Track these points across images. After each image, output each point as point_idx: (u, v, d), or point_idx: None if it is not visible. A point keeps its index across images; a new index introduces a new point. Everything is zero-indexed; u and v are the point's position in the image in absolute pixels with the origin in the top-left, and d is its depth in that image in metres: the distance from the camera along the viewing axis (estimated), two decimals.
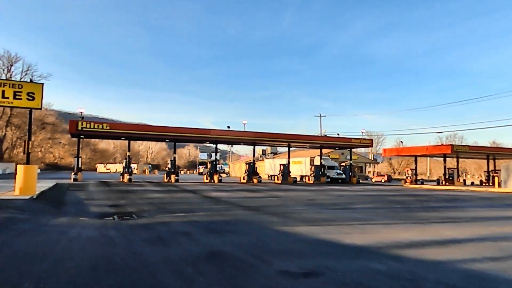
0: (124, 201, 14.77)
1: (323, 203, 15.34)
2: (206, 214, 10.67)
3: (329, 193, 22.13)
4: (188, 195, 18.37)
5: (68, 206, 12.51)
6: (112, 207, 12.49)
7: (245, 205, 13.72)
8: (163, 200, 15.56)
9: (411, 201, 17.39)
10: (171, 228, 7.83)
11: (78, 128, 26.67)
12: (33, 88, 15.64)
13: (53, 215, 10.06)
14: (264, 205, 13.92)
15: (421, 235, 7.36)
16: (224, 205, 13.81)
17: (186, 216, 10.13)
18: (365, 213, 11.66)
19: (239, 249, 5.63)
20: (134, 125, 28.53)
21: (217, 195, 18.71)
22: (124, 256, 5.09)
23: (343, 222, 9.19)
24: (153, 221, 9.15)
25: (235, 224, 8.64)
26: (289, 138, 34.30)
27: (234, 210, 12.04)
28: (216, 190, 22.92)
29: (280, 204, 14.31)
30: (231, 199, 16.44)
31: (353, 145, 38.14)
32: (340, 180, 38.22)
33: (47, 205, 12.16)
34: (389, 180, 54.46)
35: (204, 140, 33.39)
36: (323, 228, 8.18)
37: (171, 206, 13.08)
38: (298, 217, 10.23)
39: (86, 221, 8.96)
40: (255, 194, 19.87)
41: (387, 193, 23.21)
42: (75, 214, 10.67)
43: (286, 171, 36.25)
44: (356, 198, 18.25)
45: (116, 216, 10.43)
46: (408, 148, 41.37)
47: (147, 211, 11.55)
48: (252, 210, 12.11)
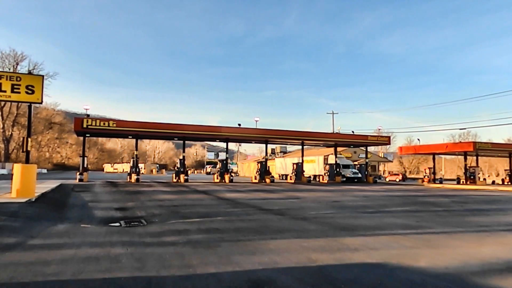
0: (132, 203, 13.44)
1: (351, 205, 13.82)
2: (226, 220, 9.25)
3: (351, 193, 20.57)
4: (200, 197, 16.98)
5: (70, 210, 11.19)
6: (118, 211, 11.16)
7: (266, 208, 12.28)
8: (174, 202, 14.19)
9: (447, 202, 15.77)
10: (189, 239, 6.42)
11: (83, 126, 25.35)
12: (33, 81, 14.33)
13: (51, 221, 8.73)
14: (287, 207, 12.46)
15: (505, 250, 5.84)
16: (243, 208, 12.38)
17: (204, 223, 8.73)
18: (408, 218, 10.12)
19: (292, 277, 4.17)
20: (141, 122, 27.14)
21: (231, 196, 17.29)
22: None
23: (394, 231, 7.67)
24: (165, 228, 7.77)
25: (265, 233, 7.19)
26: (303, 135, 32.69)
27: (256, 214, 10.60)
28: (229, 190, 21.50)
29: (304, 207, 12.84)
30: (248, 201, 15.01)
31: (370, 142, 36.25)
32: (356, 179, 36.47)
33: (46, 209, 10.84)
34: (403, 179, 52.45)
35: (214, 138, 32.02)
36: (376, 239, 6.68)
37: (184, 209, 11.70)
38: (333, 223, 8.75)
39: (88, 229, 7.61)
40: (273, 195, 18.40)
41: (414, 193, 21.57)
42: (77, 219, 9.34)
43: (300, 170, 34.72)
44: (386, 200, 16.67)
45: (123, 222, 9.09)
46: (426, 146, 39.55)
47: (158, 215, 10.19)
48: (276, 214, 10.66)
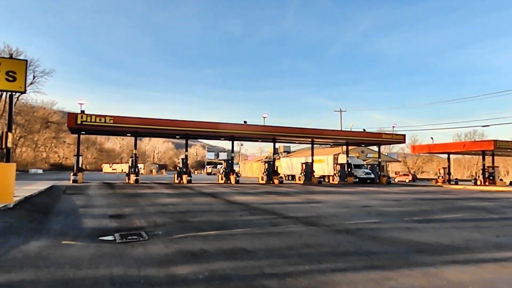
0: (130, 209, 11.44)
1: (389, 211, 11.81)
2: (249, 234, 7.25)
3: (374, 196, 18.54)
4: (208, 200, 14.96)
5: (54, 219, 9.18)
6: (113, 219, 9.18)
7: (289, 215, 10.27)
8: (179, 207, 12.18)
9: (497, 207, 13.68)
10: (212, 271, 4.41)
11: (78, 122, 23.19)
12: (14, 66, 12.31)
13: (24, 236, 6.73)
14: (314, 214, 10.44)
15: None
16: (262, 215, 10.37)
17: (222, 237, 6.72)
18: (477, 229, 8.13)
19: None
20: (141, 118, 25.08)
21: (243, 199, 15.28)
22: None
23: (489, 254, 5.66)
24: (174, 248, 5.79)
25: (316, 258, 5.18)
26: (313, 133, 30.57)
27: (283, 224, 8.59)
28: (238, 193, 19.48)
29: (335, 214, 10.83)
30: (264, 205, 12.99)
31: (384, 141, 34.18)
32: (369, 180, 34.33)
33: (24, 218, 8.82)
34: (413, 179, 50.44)
35: (219, 135, 29.95)
36: (485, 270, 4.64)
37: (192, 217, 9.69)
38: (393, 239, 6.75)
39: (69, 250, 5.64)
40: (289, 198, 16.37)
41: (444, 196, 19.54)
42: (60, 232, 7.35)
43: (310, 171, 32.63)
44: (422, 204, 14.60)
45: (118, 235, 7.12)
46: (442, 145, 37.51)
47: (162, 225, 8.22)
48: (307, 223, 8.66)
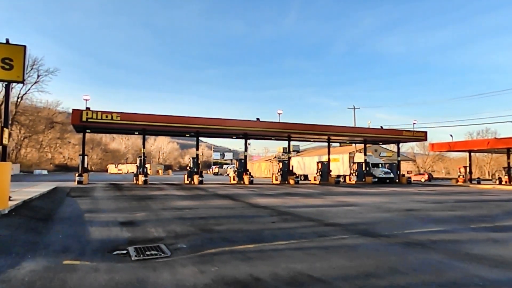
0: (142, 214, 9.97)
1: (442, 216, 10.22)
2: (298, 248, 5.74)
3: (407, 197, 16.93)
4: (227, 203, 13.45)
5: (55, 227, 7.70)
6: (125, 227, 7.70)
7: (331, 221, 8.74)
8: (198, 212, 10.69)
9: None
10: None
11: (83, 119, 21.79)
12: (11, 52, 10.89)
13: (18, 253, 5.29)
14: (360, 221, 8.90)
15: None
16: (299, 221, 8.84)
17: (267, 255, 5.20)
18: None
19: None
20: (149, 115, 23.64)
21: (265, 202, 13.76)
22: None
23: None
24: (212, 273, 4.27)
25: None
26: (330, 130, 28.94)
27: (332, 234, 7.04)
28: (257, 194, 17.95)
29: (383, 220, 9.29)
30: (292, 209, 11.46)
31: (404, 138, 32.39)
32: (388, 180, 32.65)
33: (20, 227, 7.36)
34: (429, 179, 48.69)
35: (231, 133, 28.43)
36: None
37: (217, 224, 8.19)
38: (488, 255, 5.20)
39: (73, 275, 4.18)
40: (315, 201, 14.81)
41: (485, 197, 17.91)
42: (61, 247, 5.87)
43: (326, 170, 31.03)
44: (474, 207, 12.97)
45: (133, 250, 5.66)
46: (463, 143, 35.75)
47: (184, 236, 6.74)
48: (361, 234, 7.12)
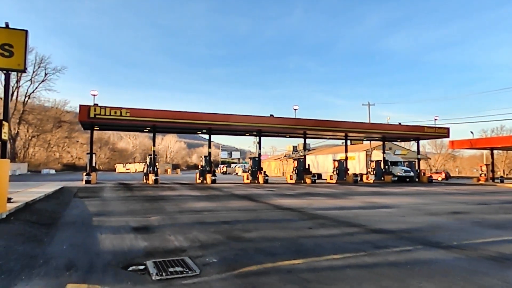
0: (157, 217, 8.85)
1: (499, 220, 8.93)
2: (361, 266, 4.53)
3: (440, 198, 15.61)
4: (248, 204, 12.27)
5: (60, 235, 6.58)
6: (139, 234, 6.56)
7: (377, 227, 7.52)
8: (218, 215, 9.52)
9: None
10: None
11: (91, 115, 20.78)
12: (11, 38, 9.85)
13: (11, 271, 4.19)
14: (412, 227, 7.66)
15: None
16: (338, 227, 7.62)
17: (322, 275, 4.00)
18: None
19: None
20: (160, 111, 22.60)
21: (288, 203, 12.56)
22: None
23: None
24: None
25: None
26: (347, 126, 27.59)
27: (391, 245, 5.82)
28: (276, 194, 16.75)
29: (435, 225, 8.04)
30: (323, 211, 10.25)
31: (425, 135, 30.77)
32: (408, 178, 31.19)
33: (18, 235, 6.25)
34: (447, 177, 47.04)
35: (244, 130, 27.25)
36: None
37: (245, 230, 7.00)
38: None
39: None
40: (343, 202, 13.57)
41: None
42: (65, 261, 4.72)
43: (343, 169, 29.70)
44: None
45: (152, 266, 4.50)
46: (485, 139, 34.19)
47: (210, 246, 5.58)
48: (425, 244, 5.89)
